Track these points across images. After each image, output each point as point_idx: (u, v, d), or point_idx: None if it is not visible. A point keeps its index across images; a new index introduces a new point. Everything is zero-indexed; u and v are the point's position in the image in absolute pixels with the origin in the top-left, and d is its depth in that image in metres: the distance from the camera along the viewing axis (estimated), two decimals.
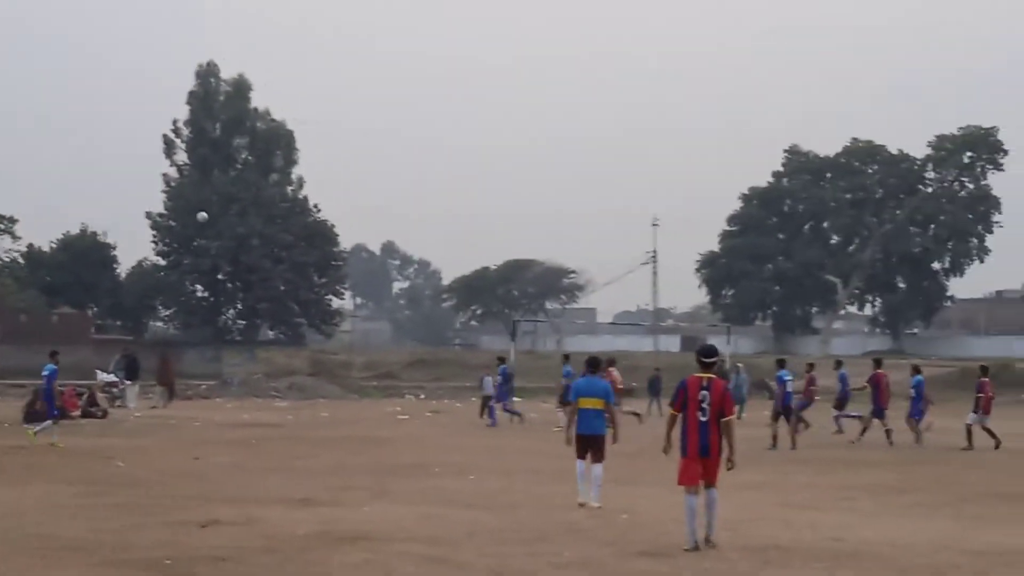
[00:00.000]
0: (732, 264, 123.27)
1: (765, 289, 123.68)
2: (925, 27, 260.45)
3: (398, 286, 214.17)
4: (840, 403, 37.21)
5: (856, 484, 23.24)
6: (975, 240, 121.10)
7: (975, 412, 32.53)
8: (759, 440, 34.63)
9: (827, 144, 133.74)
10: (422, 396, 63.98)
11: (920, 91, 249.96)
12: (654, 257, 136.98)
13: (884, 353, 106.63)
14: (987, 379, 33.73)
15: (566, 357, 43.94)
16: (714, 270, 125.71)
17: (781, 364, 36.89)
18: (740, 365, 48.46)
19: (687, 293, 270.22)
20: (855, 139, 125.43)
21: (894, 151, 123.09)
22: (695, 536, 15.27)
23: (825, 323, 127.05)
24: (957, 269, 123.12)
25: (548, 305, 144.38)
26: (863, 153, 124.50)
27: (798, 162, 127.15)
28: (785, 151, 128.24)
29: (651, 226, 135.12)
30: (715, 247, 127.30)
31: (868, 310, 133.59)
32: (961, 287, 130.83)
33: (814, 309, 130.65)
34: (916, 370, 35.68)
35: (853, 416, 35.95)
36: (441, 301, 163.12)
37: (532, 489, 21.97)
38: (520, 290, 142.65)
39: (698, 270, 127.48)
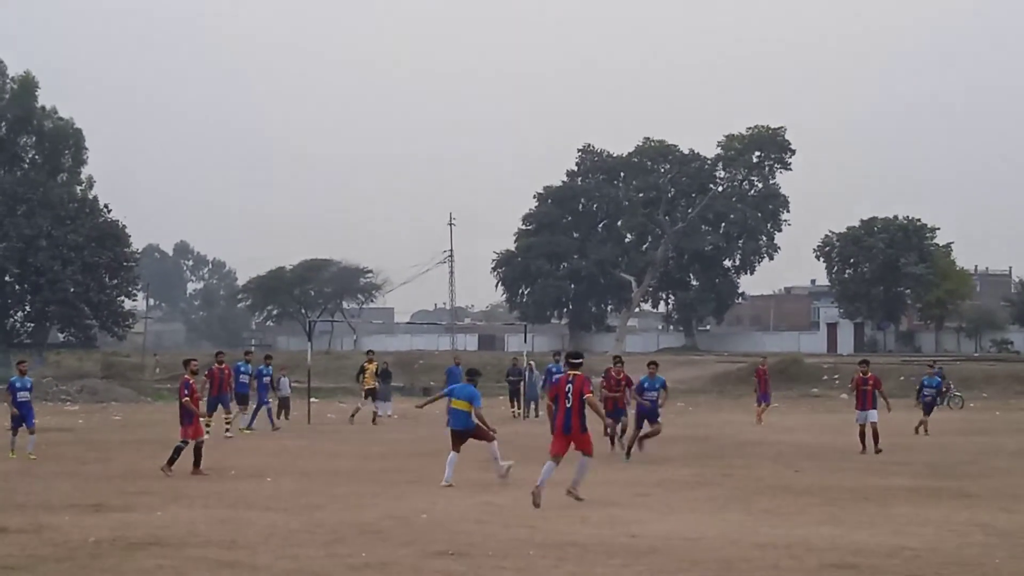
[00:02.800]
0: (528, 263, 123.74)
1: (561, 287, 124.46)
2: (711, 24, 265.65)
3: (192, 287, 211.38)
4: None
5: (651, 480, 23.59)
6: (764, 238, 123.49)
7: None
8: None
9: (620, 143, 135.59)
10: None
11: (711, 91, 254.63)
12: (451, 256, 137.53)
13: (678, 350, 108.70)
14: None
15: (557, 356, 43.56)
16: (510, 269, 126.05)
17: (556, 357, 37.69)
18: (531, 363, 48.74)
19: (484, 292, 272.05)
20: (647, 138, 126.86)
21: (685, 150, 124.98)
22: (545, 481, 19.55)
23: (620, 321, 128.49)
24: (747, 267, 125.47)
25: (345, 305, 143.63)
26: (655, 152, 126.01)
27: (592, 161, 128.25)
28: (579, 150, 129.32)
29: (447, 225, 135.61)
30: (511, 246, 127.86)
31: (662, 307, 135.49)
32: (751, 284, 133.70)
33: (609, 307, 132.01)
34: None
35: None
36: (236, 302, 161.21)
37: (330, 490, 21.83)
38: (316, 290, 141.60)
39: (494, 269, 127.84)
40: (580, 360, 21.00)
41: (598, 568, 14.10)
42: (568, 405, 20.17)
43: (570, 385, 20.27)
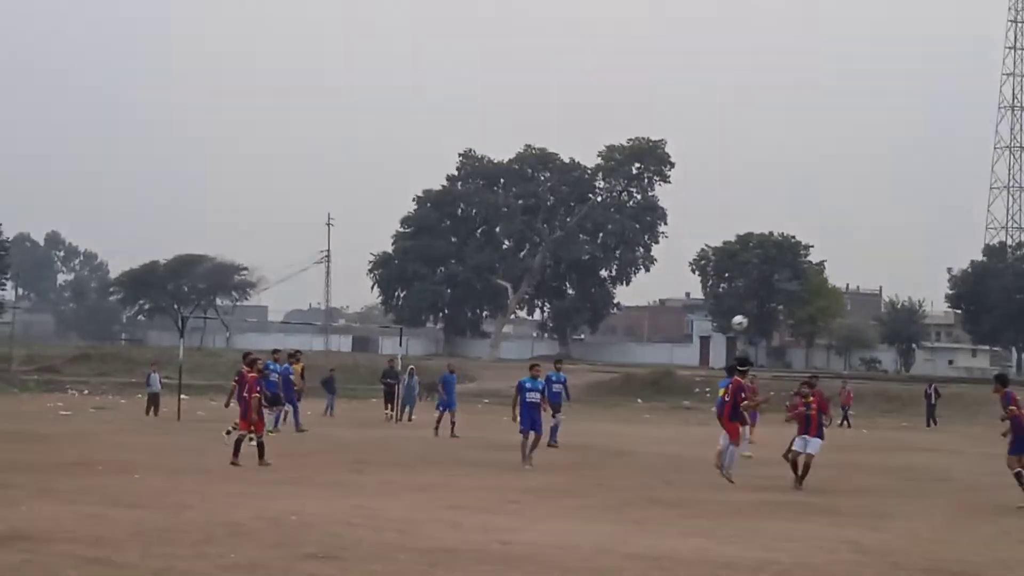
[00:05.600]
0: (405, 266, 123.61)
1: (437, 292, 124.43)
2: (593, 31, 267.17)
3: (63, 278, 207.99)
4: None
5: (523, 487, 23.56)
6: (641, 249, 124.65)
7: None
8: (428, 442, 34.95)
9: (501, 150, 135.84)
10: (86, 391, 62.32)
11: (593, 100, 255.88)
12: (327, 256, 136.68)
13: (552, 358, 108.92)
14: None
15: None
16: (387, 271, 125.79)
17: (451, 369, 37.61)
18: (412, 367, 48.60)
19: (359, 293, 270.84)
20: (528, 146, 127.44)
21: (566, 159, 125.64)
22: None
23: (495, 327, 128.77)
24: (623, 277, 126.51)
25: (219, 301, 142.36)
26: (536, 160, 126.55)
27: (472, 166, 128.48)
28: (460, 155, 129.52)
29: (325, 225, 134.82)
30: (389, 248, 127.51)
31: (537, 315, 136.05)
32: (627, 295, 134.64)
33: (485, 313, 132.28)
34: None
35: None
36: (108, 294, 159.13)
37: (200, 489, 21.53)
38: (190, 285, 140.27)
39: (371, 271, 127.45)
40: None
41: (469, 574, 14.04)
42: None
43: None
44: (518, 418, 27.91)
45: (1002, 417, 23.42)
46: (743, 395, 25.34)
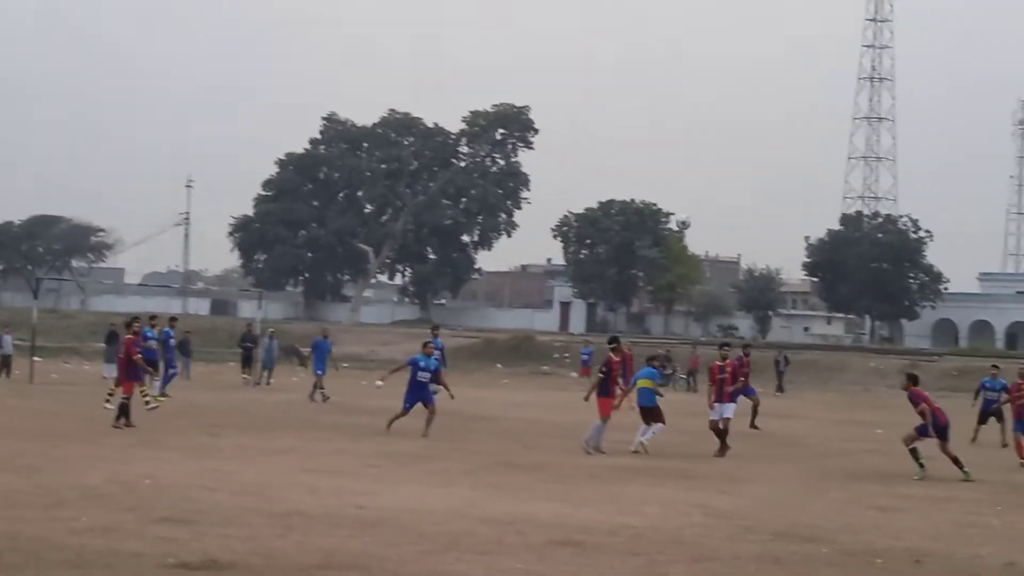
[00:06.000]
0: (265, 229, 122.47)
1: (298, 255, 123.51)
2: (456, 6, 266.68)
3: None
4: None
5: (381, 451, 23.53)
6: (504, 215, 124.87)
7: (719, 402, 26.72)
8: (288, 405, 34.76)
9: (365, 114, 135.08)
10: None
11: (456, 68, 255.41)
12: (187, 218, 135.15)
13: (413, 323, 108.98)
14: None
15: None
16: (247, 234, 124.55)
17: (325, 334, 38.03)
18: (271, 330, 48.28)
19: (219, 257, 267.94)
20: (392, 110, 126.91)
21: (430, 124, 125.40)
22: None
23: (356, 291, 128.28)
24: (485, 243, 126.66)
25: (74, 263, 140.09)
26: (400, 124, 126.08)
27: (336, 130, 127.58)
28: (323, 118, 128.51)
29: (185, 187, 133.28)
30: (249, 211, 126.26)
31: (398, 280, 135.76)
32: (489, 260, 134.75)
33: (346, 277, 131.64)
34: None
35: None
36: None
37: (52, 452, 21.20)
38: (45, 247, 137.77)
39: (231, 233, 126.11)
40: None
41: (324, 539, 13.99)
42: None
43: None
44: (396, 391, 28.00)
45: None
46: (602, 370, 25.67)
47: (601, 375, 25.76)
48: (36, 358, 45.55)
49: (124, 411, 26.50)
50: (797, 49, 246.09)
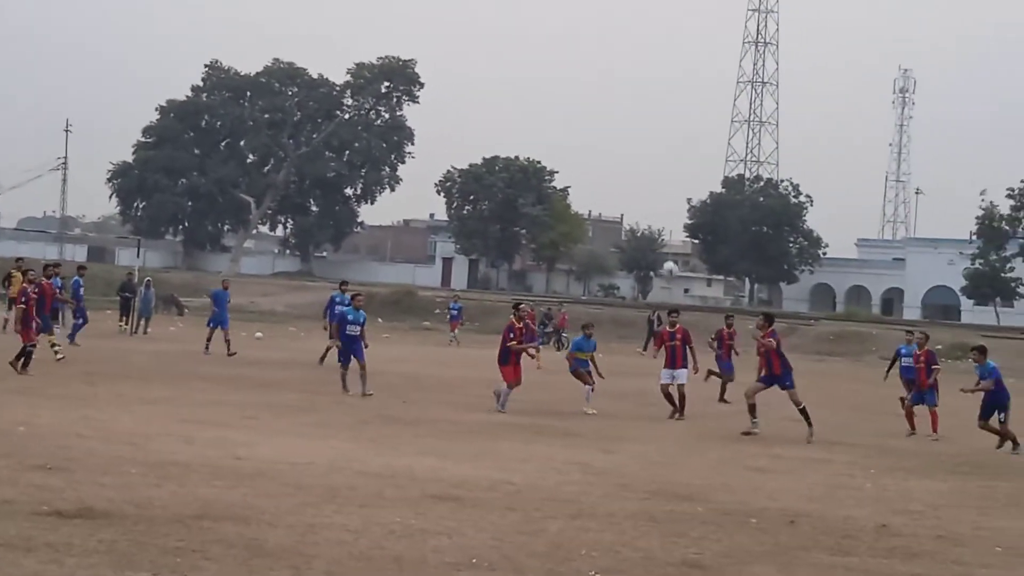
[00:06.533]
0: (145, 176, 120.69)
1: (178, 204, 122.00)
2: None
3: None
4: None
5: (261, 403, 23.40)
6: (387, 169, 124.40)
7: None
8: (166, 355, 34.39)
9: (248, 62, 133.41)
10: None
11: (342, 18, 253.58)
12: (64, 163, 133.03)
13: (293, 275, 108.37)
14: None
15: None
16: (126, 181, 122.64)
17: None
18: (149, 279, 47.70)
19: (97, 203, 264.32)
20: (277, 60, 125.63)
21: (315, 75, 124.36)
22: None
23: (237, 242, 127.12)
24: (368, 196, 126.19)
25: None
26: (284, 74, 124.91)
27: (218, 78, 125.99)
28: (206, 66, 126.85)
29: (63, 131, 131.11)
30: (129, 158, 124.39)
31: (280, 231, 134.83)
32: (371, 214, 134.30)
33: (226, 227, 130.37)
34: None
35: None
36: None
37: None
38: None
39: (110, 180, 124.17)
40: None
41: (201, 488, 13.86)
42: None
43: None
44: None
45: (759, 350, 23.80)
46: (511, 336, 25.61)
47: (509, 344, 25.51)
48: None
49: (27, 358, 26.41)
50: (684, 11, 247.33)
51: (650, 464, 18.52)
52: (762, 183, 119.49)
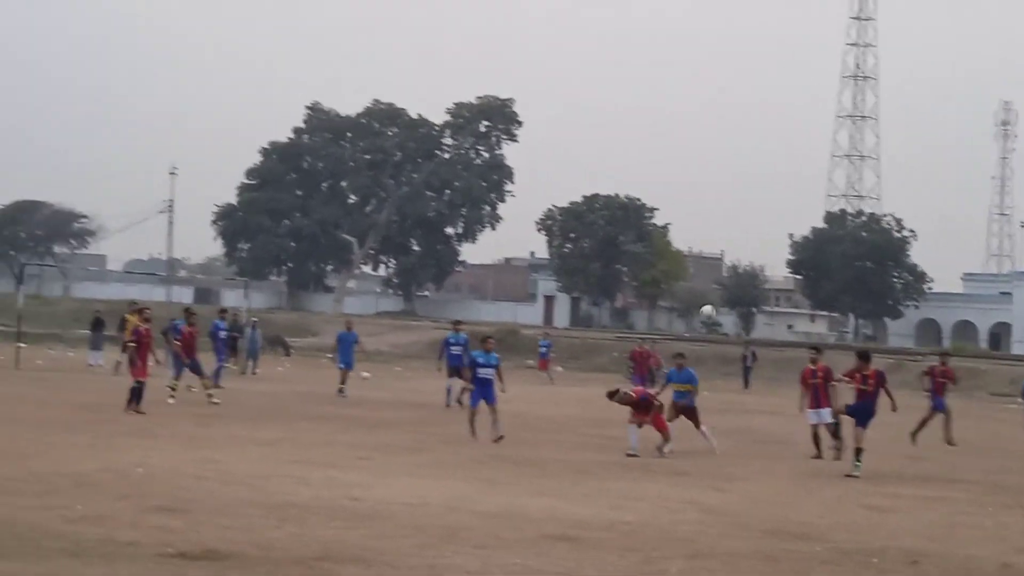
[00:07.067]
0: (249, 218, 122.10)
1: (281, 245, 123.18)
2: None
3: None
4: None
5: (372, 443, 23.51)
6: (488, 207, 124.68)
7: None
8: (274, 395, 34.69)
9: (349, 104, 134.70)
10: None
11: (443, 57, 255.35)
12: (170, 206, 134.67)
13: (396, 314, 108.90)
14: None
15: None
16: (231, 223, 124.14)
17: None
18: (255, 320, 48.19)
19: (202, 245, 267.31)
20: (377, 101, 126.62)
21: (414, 115, 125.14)
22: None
23: (339, 282, 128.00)
24: (469, 235, 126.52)
25: (57, 249, 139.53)
26: (384, 115, 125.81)
27: (319, 120, 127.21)
28: (307, 108, 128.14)
29: (169, 174, 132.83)
30: (233, 200, 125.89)
31: (382, 271, 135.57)
32: (472, 253, 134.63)
33: (329, 267, 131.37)
34: None
35: None
36: None
37: (42, 439, 21.15)
38: (28, 232, 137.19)
39: (215, 222, 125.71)
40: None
41: (320, 530, 13.96)
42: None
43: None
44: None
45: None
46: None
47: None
48: (21, 344, 45.40)
49: (137, 396, 27.03)
50: (783, 46, 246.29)
51: (764, 502, 18.38)
52: (864, 218, 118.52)
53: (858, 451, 22.41)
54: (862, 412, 22.90)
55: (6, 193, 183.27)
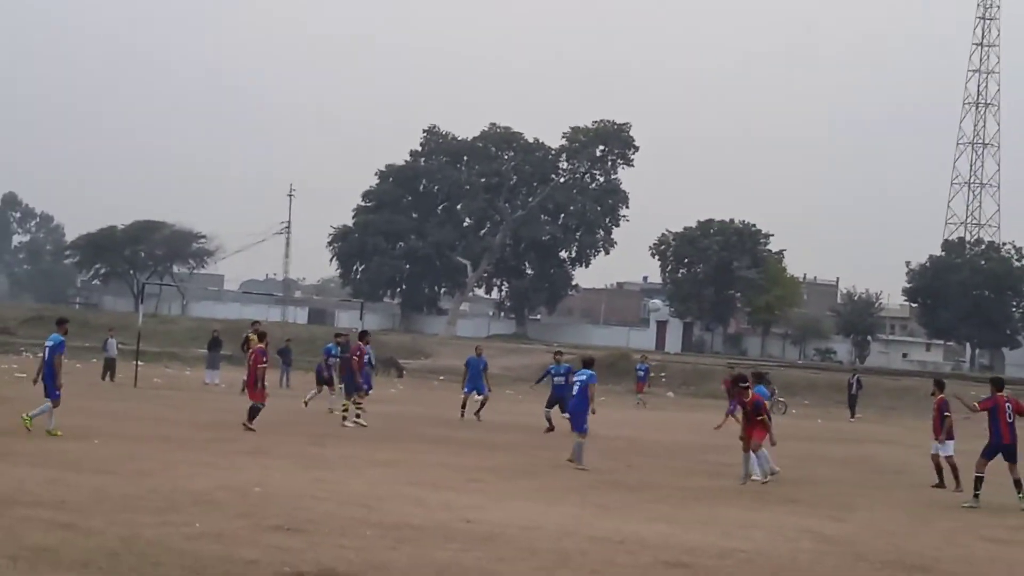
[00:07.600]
0: (365, 240, 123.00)
1: (396, 267, 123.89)
2: (561, 22, 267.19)
3: (18, 239, 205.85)
4: None
5: (485, 466, 23.59)
6: (602, 232, 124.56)
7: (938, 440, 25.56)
8: (386, 417, 34.88)
9: (466, 127, 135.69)
10: (40, 354, 61.76)
11: (557, 81, 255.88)
12: (287, 227, 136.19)
13: (508, 337, 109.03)
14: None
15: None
16: (346, 244, 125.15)
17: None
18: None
19: (317, 266, 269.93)
20: (493, 124, 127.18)
21: (530, 139, 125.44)
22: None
23: (453, 304, 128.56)
24: (583, 259, 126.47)
25: (175, 269, 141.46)
26: (500, 139, 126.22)
27: (436, 143, 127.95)
28: (424, 131, 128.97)
29: (286, 196, 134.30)
30: (349, 221, 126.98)
31: (495, 294, 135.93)
32: (585, 276, 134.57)
33: (443, 290, 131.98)
34: None
35: None
36: (63, 257, 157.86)
37: (161, 456, 21.46)
38: (147, 251, 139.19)
39: (330, 243, 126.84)
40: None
41: (437, 552, 14.02)
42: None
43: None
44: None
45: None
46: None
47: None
48: (139, 362, 46.11)
49: (254, 414, 27.75)
50: (901, 70, 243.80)
51: (882, 533, 18.18)
52: (983, 246, 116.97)
53: (978, 480, 22.21)
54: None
55: (128, 214, 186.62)
